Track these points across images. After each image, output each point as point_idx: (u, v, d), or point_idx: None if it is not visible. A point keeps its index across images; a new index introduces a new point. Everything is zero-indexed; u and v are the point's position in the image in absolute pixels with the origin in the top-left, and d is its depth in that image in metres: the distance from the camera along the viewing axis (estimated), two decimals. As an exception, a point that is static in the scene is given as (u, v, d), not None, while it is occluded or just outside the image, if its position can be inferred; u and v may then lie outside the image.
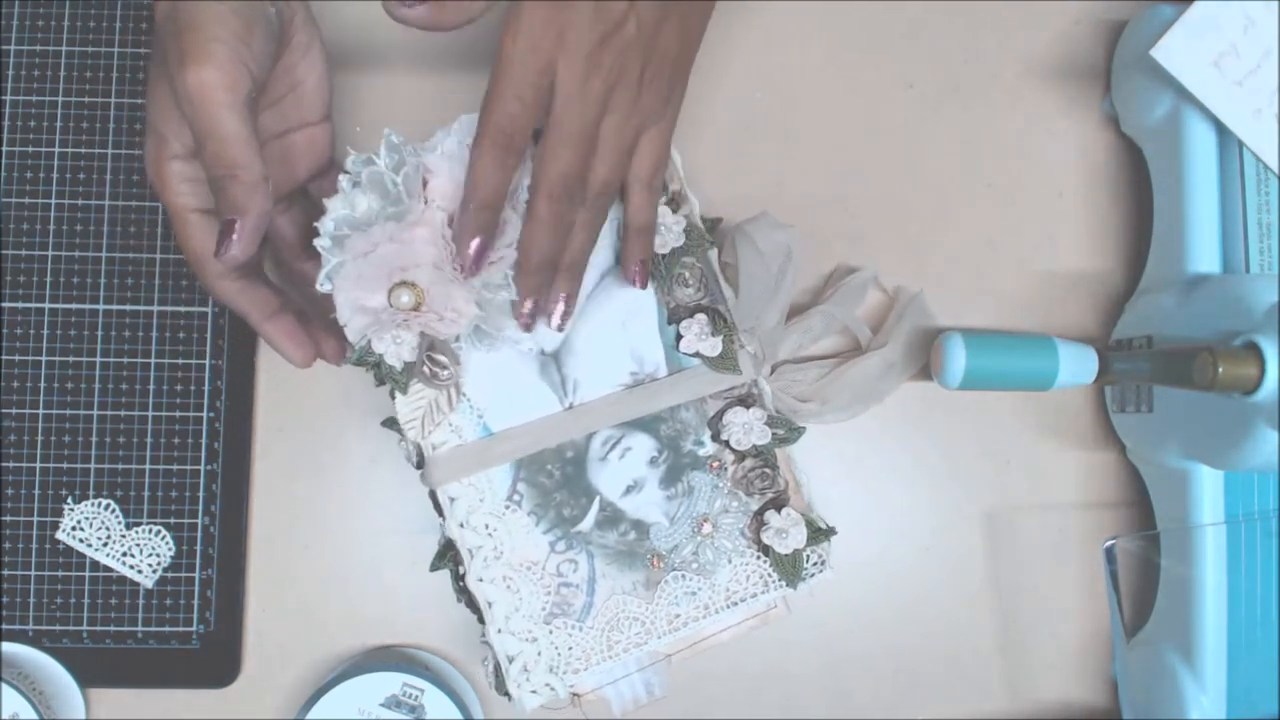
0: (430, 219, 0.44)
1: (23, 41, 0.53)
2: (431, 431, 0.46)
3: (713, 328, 0.48)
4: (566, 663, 0.46)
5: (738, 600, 0.47)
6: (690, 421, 0.47)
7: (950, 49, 0.56)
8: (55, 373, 0.52)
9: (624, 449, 0.47)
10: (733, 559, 0.47)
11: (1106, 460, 0.55)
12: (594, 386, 0.47)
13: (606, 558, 0.47)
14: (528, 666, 0.46)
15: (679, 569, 0.47)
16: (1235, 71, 0.47)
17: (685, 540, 0.47)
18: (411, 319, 0.44)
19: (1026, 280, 0.55)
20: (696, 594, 0.47)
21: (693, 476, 0.47)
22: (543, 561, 0.47)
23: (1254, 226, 0.48)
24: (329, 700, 0.48)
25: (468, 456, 0.46)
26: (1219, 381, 0.41)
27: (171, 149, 0.42)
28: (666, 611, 0.47)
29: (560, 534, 0.47)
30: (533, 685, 0.46)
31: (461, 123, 0.44)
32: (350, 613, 0.53)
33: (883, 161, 0.55)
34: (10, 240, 0.52)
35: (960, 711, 0.54)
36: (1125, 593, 0.51)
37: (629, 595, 0.47)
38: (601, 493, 0.47)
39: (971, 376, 0.49)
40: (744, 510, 0.47)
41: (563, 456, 0.47)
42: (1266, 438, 0.43)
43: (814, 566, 0.48)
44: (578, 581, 0.47)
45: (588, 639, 0.46)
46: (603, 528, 0.47)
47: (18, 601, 0.51)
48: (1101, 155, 0.56)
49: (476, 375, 0.47)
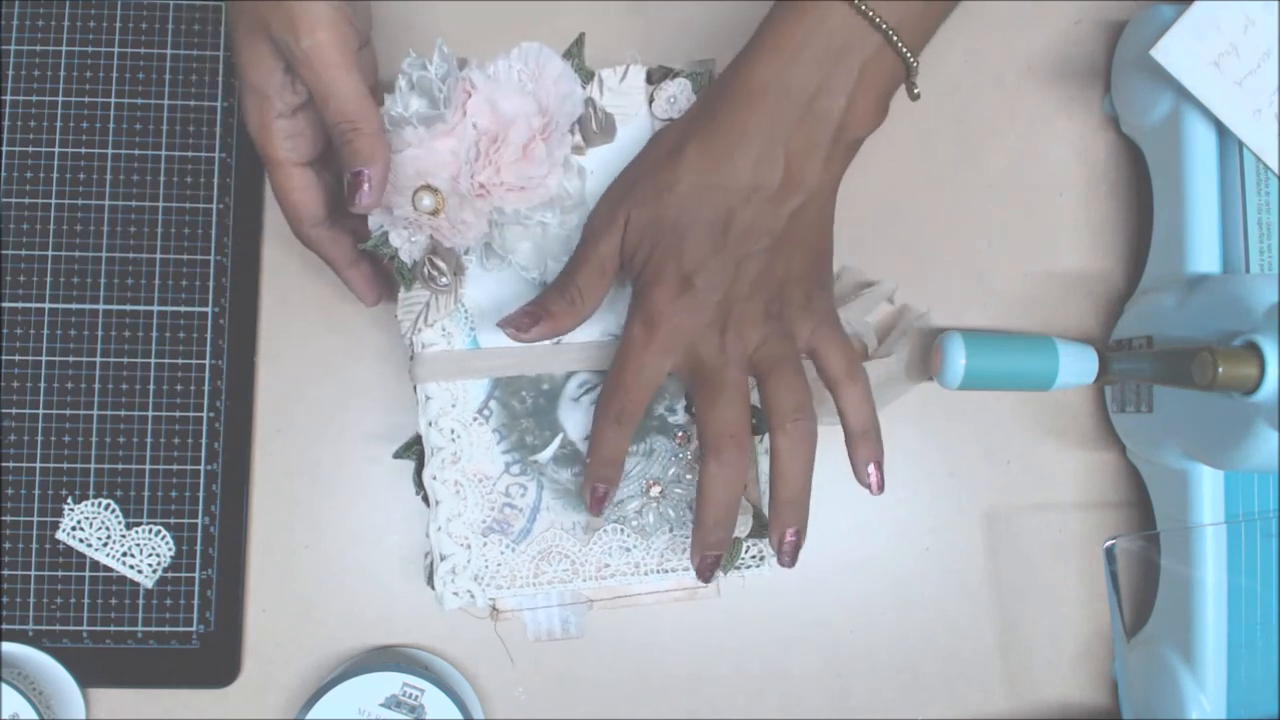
0: (461, 133, 0.45)
1: (23, 41, 0.53)
2: (423, 330, 0.48)
3: None
4: (492, 577, 0.47)
5: (669, 569, 0.48)
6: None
7: (950, 49, 0.56)
8: (55, 373, 0.52)
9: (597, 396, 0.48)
10: (674, 529, 0.48)
11: (1106, 460, 0.55)
12: (585, 329, 0.47)
13: (555, 492, 0.48)
14: (456, 569, 0.47)
15: (619, 522, 0.48)
16: (1235, 71, 0.47)
17: (632, 497, 0.48)
18: (425, 221, 0.45)
19: (1026, 280, 0.55)
20: (630, 551, 0.48)
21: (656, 440, 0.48)
22: (495, 478, 0.48)
23: (1254, 226, 0.48)
24: (329, 700, 0.49)
25: (451, 361, 0.48)
26: (1219, 381, 0.41)
27: (275, 108, 0.44)
28: (598, 559, 0.48)
29: (518, 458, 0.48)
30: (456, 588, 0.47)
31: (521, 50, 0.45)
32: (350, 613, 0.53)
33: (883, 161, 0.55)
34: (10, 240, 0.52)
35: (960, 711, 0.54)
36: (1125, 593, 0.51)
37: (566, 533, 0.48)
38: (566, 430, 0.48)
39: (971, 376, 0.49)
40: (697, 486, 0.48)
41: (538, 387, 0.48)
42: (1266, 438, 0.43)
43: (752, 559, 0.48)
44: (522, 506, 0.48)
45: (517, 561, 0.47)
46: (559, 463, 0.48)
47: (18, 601, 0.51)
48: (1101, 155, 0.56)
49: (478, 290, 0.48)
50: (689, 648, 0.54)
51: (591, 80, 0.48)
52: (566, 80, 0.46)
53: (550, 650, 0.53)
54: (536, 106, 0.45)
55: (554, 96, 0.45)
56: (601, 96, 0.48)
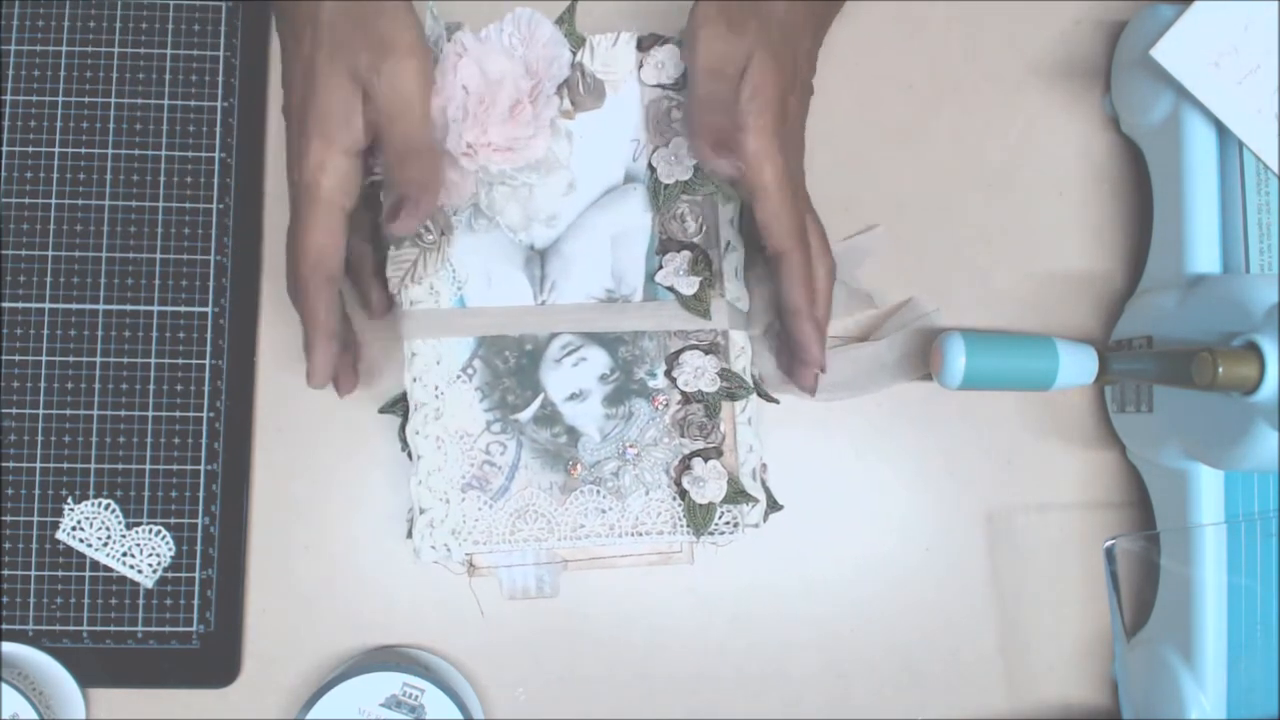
0: (450, 93, 0.46)
1: (23, 41, 0.53)
2: (410, 287, 0.48)
3: (692, 267, 0.48)
4: (469, 532, 0.48)
5: (643, 532, 0.48)
6: (649, 351, 0.49)
7: (950, 49, 0.56)
8: (55, 373, 0.52)
9: (580, 358, 0.49)
10: (650, 492, 0.48)
11: (1106, 460, 0.55)
12: (569, 292, 0.49)
13: (534, 451, 0.48)
14: (434, 523, 0.48)
15: (595, 483, 0.48)
16: (1235, 71, 0.47)
17: (609, 458, 0.48)
18: None
19: (1026, 280, 0.55)
20: (605, 512, 0.48)
21: (636, 403, 0.49)
22: (476, 435, 0.48)
23: (1254, 226, 0.48)
24: (329, 700, 0.49)
25: (437, 319, 0.48)
26: (1219, 381, 0.41)
27: (340, 145, 0.43)
28: (573, 519, 0.48)
29: (499, 416, 0.48)
30: (433, 541, 0.48)
31: (514, 15, 0.47)
32: (350, 613, 0.53)
33: (883, 161, 0.55)
34: (10, 240, 0.52)
35: (960, 711, 0.54)
36: (1125, 593, 0.51)
37: (543, 492, 0.48)
38: (547, 391, 0.49)
39: (971, 376, 0.49)
40: (675, 450, 0.48)
41: (521, 347, 0.49)
42: (1266, 438, 0.43)
43: (725, 525, 0.48)
44: (501, 464, 0.48)
45: (494, 518, 0.48)
46: (538, 423, 0.48)
47: (18, 601, 0.51)
48: (1101, 155, 0.56)
49: (465, 250, 0.49)
50: (689, 648, 0.54)
51: (583, 46, 0.49)
52: (555, 44, 0.47)
53: (550, 650, 0.53)
54: (525, 69, 0.47)
55: (542, 60, 0.47)
56: (592, 62, 0.49)
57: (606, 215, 0.49)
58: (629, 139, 0.49)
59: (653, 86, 0.49)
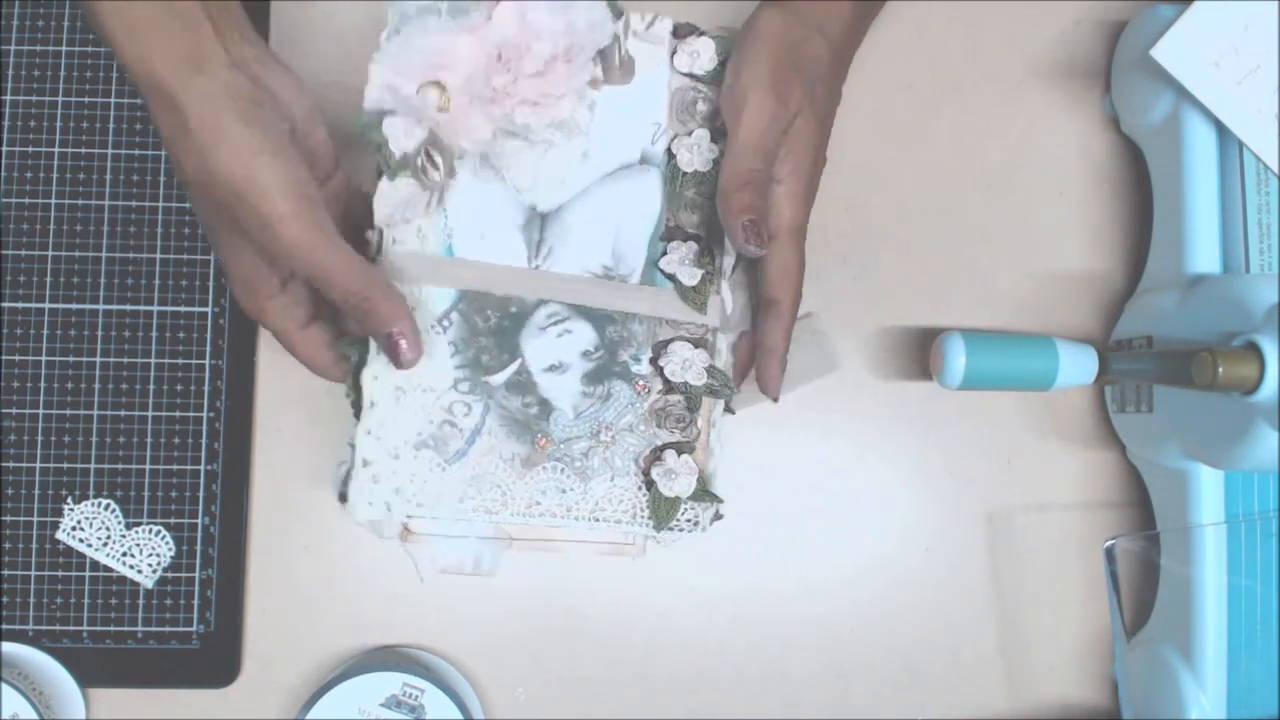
0: (484, 35, 0.45)
1: (23, 41, 0.53)
2: (397, 225, 0.46)
3: (697, 259, 0.48)
4: (414, 494, 0.46)
5: (601, 518, 0.47)
6: (638, 335, 0.48)
7: (950, 49, 0.56)
8: (55, 373, 0.52)
9: (565, 330, 0.47)
10: (616, 478, 0.47)
11: (1106, 460, 0.55)
12: (565, 261, 0.47)
13: (500, 418, 0.47)
14: (378, 478, 0.46)
15: (562, 461, 0.47)
16: (1235, 71, 0.47)
17: (580, 438, 0.47)
18: (432, 114, 0.45)
19: (1026, 280, 0.55)
20: (566, 493, 0.47)
21: (616, 385, 0.47)
22: (440, 392, 0.46)
23: (1254, 226, 0.48)
24: (329, 700, 0.48)
25: (420, 264, 0.47)
26: (1219, 381, 0.41)
27: (265, 291, 0.44)
28: (530, 495, 0.47)
29: (469, 375, 0.47)
30: (372, 498, 0.46)
31: None
32: (350, 613, 0.53)
33: (883, 161, 0.55)
34: (10, 240, 0.52)
35: (960, 711, 0.54)
36: (1125, 593, 0.51)
37: (504, 462, 0.46)
38: (525, 358, 0.47)
39: (971, 376, 0.49)
40: (648, 439, 0.47)
41: (506, 309, 0.47)
42: (1266, 438, 0.43)
43: (687, 522, 0.47)
44: (463, 426, 0.46)
45: (446, 483, 0.46)
46: (510, 390, 0.47)
47: (18, 601, 0.51)
48: (1101, 155, 0.56)
49: (464, 198, 0.47)
50: (689, 648, 0.54)
51: (620, 19, 0.48)
52: (600, 10, 0.46)
53: (550, 650, 0.53)
54: (565, 26, 0.45)
55: (584, 21, 0.46)
56: (626, 39, 0.48)
57: (616, 192, 0.48)
58: (650, 121, 0.49)
59: (683, 75, 0.48)
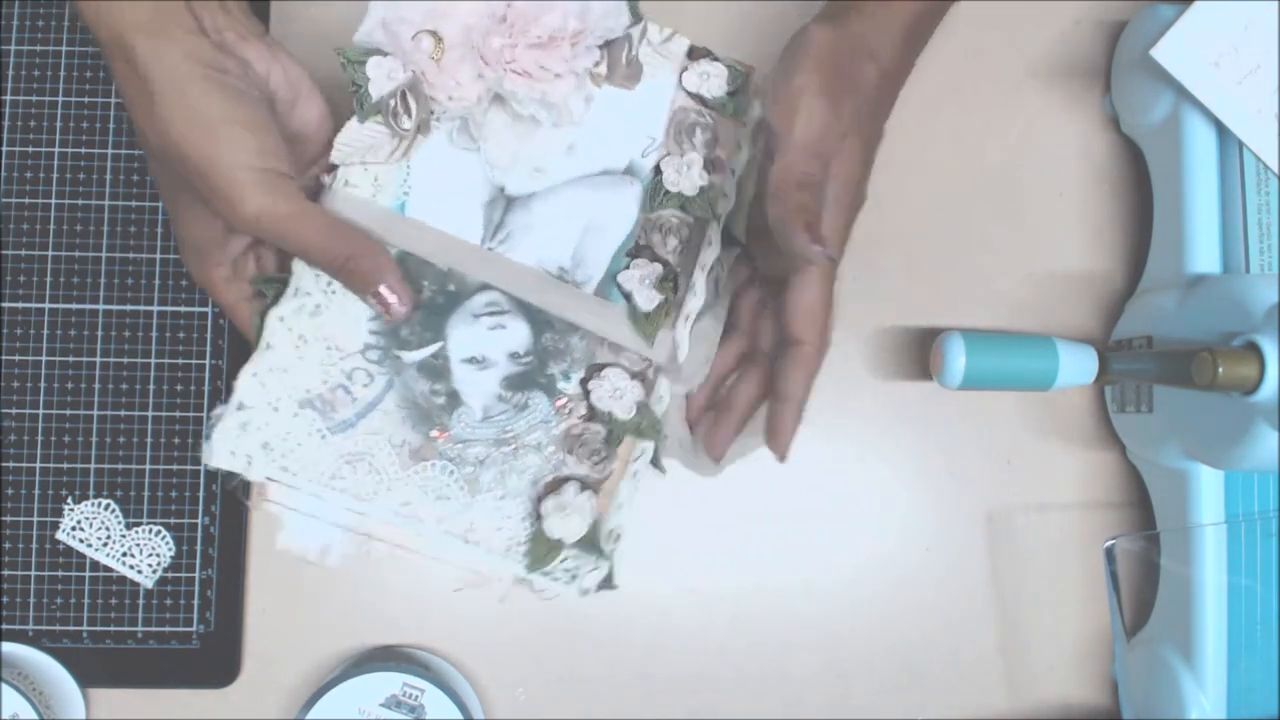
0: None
1: (23, 41, 0.53)
2: (354, 169, 0.44)
3: (658, 283, 0.45)
4: (283, 455, 0.43)
5: (472, 540, 0.43)
6: (574, 351, 0.45)
7: (950, 49, 0.56)
8: (55, 373, 0.52)
9: (499, 324, 0.45)
10: (506, 499, 0.44)
11: (1106, 460, 0.55)
12: (521, 251, 0.45)
13: (401, 399, 0.44)
14: (248, 426, 0.43)
15: (453, 461, 0.43)
16: (1235, 71, 0.47)
17: (481, 442, 0.44)
18: (420, 60, 0.43)
19: (1026, 280, 0.55)
20: (444, 501, 0.43)
21: (536, 397, 0.44)
22: (345, 354, 0.44)
23: (1254, 226, 0.48)
24: (329, 700, 0.48)
25: (365, 212, 0.44)
26: (1219, 381, 0.41)
27: (215, 259, 0.44)
28: (406, 493, 0.43)
29: (382, 344, 0.44)
30: (236, 447, 0.43)
31: None
32: (350, 613, 0.53)
33: (882, 162, 0.55)
34: (10, 240, 0.52)
35: (960, 711, 0.54)
36: (1125, 593, 0.51)
37: (391, 447, 0.43)
38: (448, 343, 0.44)
39: (971, 376, 0.49)
40: (553, 465, 0.44)
41: (444, 284, 0.45)
42: (1266, 438, 0.43)
43: (564, 572, 0.43)
44: (358, 395, 0.43)
45: (322, 453, 0.43)
46: (422, 372, 0.44)
47: (18, 601, 0.51)
48: (1101, 155, 0.56)
49: (432, 159, 0.45)
50: (689, 648, 0.54)
51: (639, 24, 0.47)
52: (620, 7, 0.45)
53: (550, 650, 0.53)
54: (580, 9, 0.44)
55: (599, 9, 0.45)
56: (640, 44, 0.47)
57: (593, 196, 0.47)
58: (645, 133, 0.47)
59: (689, 94, 0.47)
